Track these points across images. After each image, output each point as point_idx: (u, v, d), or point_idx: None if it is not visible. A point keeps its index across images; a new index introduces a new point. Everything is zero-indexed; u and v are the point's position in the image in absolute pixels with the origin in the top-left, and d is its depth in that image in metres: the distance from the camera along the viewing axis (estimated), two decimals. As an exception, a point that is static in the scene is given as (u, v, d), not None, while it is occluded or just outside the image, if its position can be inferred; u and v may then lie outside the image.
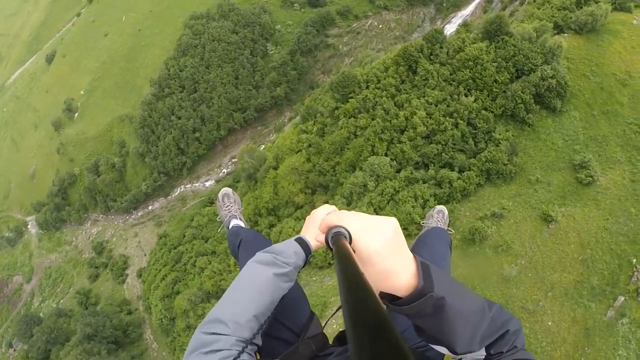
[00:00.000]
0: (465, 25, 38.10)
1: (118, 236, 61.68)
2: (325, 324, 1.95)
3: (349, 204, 35.21)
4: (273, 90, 58.31)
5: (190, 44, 60.04)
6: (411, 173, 33.01)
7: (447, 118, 32.69)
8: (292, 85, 59.15)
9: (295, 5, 65.84)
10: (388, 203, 32.52)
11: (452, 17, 74.61)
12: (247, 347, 1.39)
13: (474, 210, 32.17)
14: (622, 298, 27.20)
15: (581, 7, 35.82)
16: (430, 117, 33.19)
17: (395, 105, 35.48)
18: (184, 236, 50.71)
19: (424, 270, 1.09)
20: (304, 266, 1.71)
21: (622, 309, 26.99)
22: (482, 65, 33.16)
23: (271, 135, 57.12)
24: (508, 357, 1.26)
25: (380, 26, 68.04)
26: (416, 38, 70.43)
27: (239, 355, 1.32)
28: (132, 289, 54.22)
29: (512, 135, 32.11)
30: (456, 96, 33.30)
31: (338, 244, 1.00)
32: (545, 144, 32.20)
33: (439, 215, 3.34)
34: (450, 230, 3.25)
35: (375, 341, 0.47)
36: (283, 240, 1.92)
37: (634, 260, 28.15)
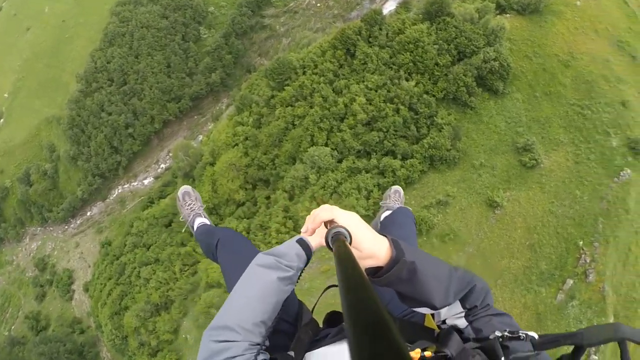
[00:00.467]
0: (405, 3, 36.25)
1: (59, 249, 57.31)
2: (313, 309, 1.87)
3: (291, 198, 32.88)
4: (208, 77, 54.61)
5: (118, 32, 55.35)
6: (353, 163, 30.99)
7: (388, 104, 30.84)
8: (228, 70, 55.62)
9: None
10: (331, 196, 30.36)
11: None
12: (261, 349, 1.39)
13: (419, 199, 30.59)
14: (571, 281, 26.51)
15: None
16: (371, 104, 31.24)
17: (333, 92, 33.31)
18: (125, 245, 47.01)
19: (394, 244, 1.27)
20: (304, 268, 1.63)
21: (571, 292, 26.36)
22: (423, 47, 31.51)
23: (209, 124, 53.59)
24: (483, 312, 1.37)
25: (319, 5, 65.63)
26: (355, 16, 69.53)
27: (255, 358, 1.33)
28: (80, 305, 50.37)
29: (455, 119, 30.69)
30: (397, 81, 31.51)
31: (338, 244, 1.03)
32: (488, 127, 31.00)
33: (395, 195, 3.46)
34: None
35: (375, 341, 0.47)
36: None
37: (581, 242, 27.38)
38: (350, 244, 1.14)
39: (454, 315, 1.43)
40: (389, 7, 71.36)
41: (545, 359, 1.15)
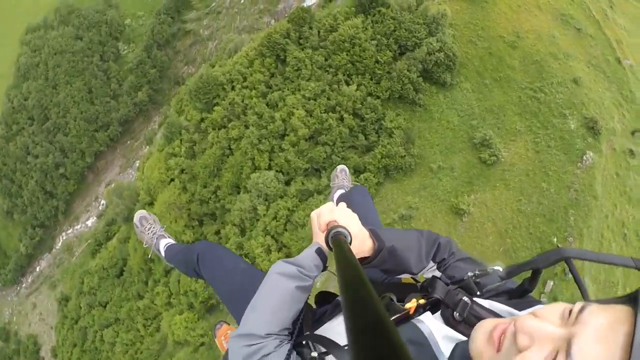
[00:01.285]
0: None
1: (17, 313, 53.30)
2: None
3: (242, 232, 29.00)
4: (134, 97, 50.10)
5: (31, 63, 49.84)
6: (302, 184, 27.43)
7: (330, 114, 27.39)
8: (154, 85, 51.29)
9: None
10: (285, 227, 26.89)
11: None
12: (291, 339, 1.41)
13: (381, 215, 27.24)
14: (551, 282, 24.65)
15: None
16: (311, 115, 27.64)
17: (268, 107, 29.42)
18: (81, 307, 42.73)
19: (374, 235, 1.45)
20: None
21: (553, 294, 24.63)
22: (360, 45, 28.15)
23: (143, 147, 49.18)
24: (452, 260, 1.56)
25: (242, 1, 61.71)
26: (282, 9, 66.28)
27: (291, 346, 1.35)
28: (54, 373, 46.32)
29: (404, 120, 27.73)
30: (336, 86, 28.06)
31: (338, 244, 1.07)
32: (441, 124, 28.28)
33: (342, 174, 3.45)
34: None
35: (376, 340, 0.47)
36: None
37: (555, 239, 25.42)
38: (350, 244, 1.16)
39: (428, 269, 1.58)
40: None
41: (512, 284, 1.31)
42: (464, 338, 1.12)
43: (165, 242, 3.12)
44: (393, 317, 1.23)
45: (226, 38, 50.18)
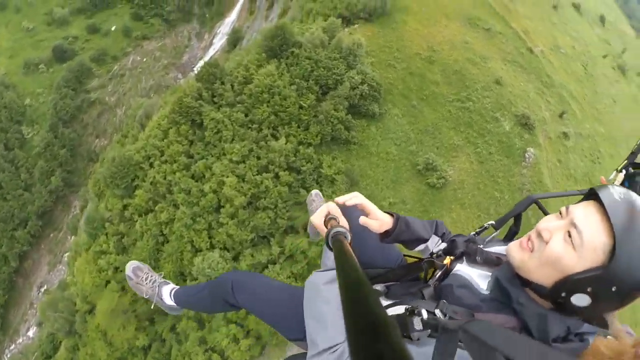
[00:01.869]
0: (235, 40, 30.83)
1: None
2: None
3: (201, 325, 25.79)
4: (48, 184, 45.77)
5: None
6: (253, 257, 24.79)
7: (264, 174, 25.11)
8: (67, 167, 47.20)
9: (40, 66, 53.15)
10: (247, 313, 23.88)
11: (219, 28, 68.88)
12: None
13: (342, 267, 25.51)
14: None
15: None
16: (244, 180, 25.21)
17: (195, 180, 26.62)
18: None
19: (390, 212, 1.69)
20: None
21: None
22: (280, 93, 26.26)
23: (68, 237, 44.78)
24: (450, 235, 1.74)
25: (145, 59, 59.34)
26: (188, 60, 64.41)
27: None
28: None
29: (342, 162, 26.07)
30: (263, 142, 25.90)
31: (338, 244, 1.08)
32: (380, 157, 26.94)
33: (317, 198, 3.46)
34: None
35: (376, 340, 0.47)
36: None
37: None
38: (350, 244, 1.16)
39: (436, 244, 1.74)
40: (218, 42, 66.17)
41: (497, 237, 1.60)
42: (490, 273, 1.36)
43: (169, 289, 2.78)
44: (438, 275, 1.44)
45: (135, 103, 46.71)
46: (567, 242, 1.10)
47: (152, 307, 2.97)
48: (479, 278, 1.37)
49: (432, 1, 32.96)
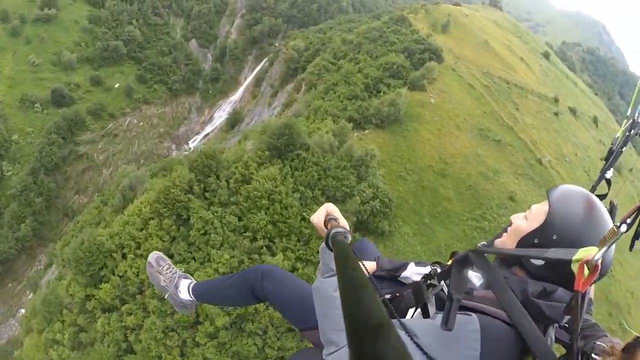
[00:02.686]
0: (235, 121, 28.47)
1: None
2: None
3: None
4: (17, 230, 42.19)
5: None
6: (229, 395, 20.56)
7: (255, 296, 21.53)
8: (40, 217, 43.81)
9: (36, 105, 50.63)
10: None
11: (221, 105, 68.73)
12: None
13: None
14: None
15: (373, 94, 30.25)
16: (231, 301, 21.51)
17: (175, 288, 22.78)
18: None
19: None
20: None
21: None
22: (281, 202, 23.49)
23: (28, 292, 40.95)
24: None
25: (142, 124, 57.58)
26: (184, 133, 63.11)
27: None
28: None
29: (346, 286, 22.83)
30: (257, 255, 22.61)
31: (338, 245, 1.12)
32: (390, 283, 23.94)
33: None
34: None
35: (376, 341, 0.48)
36: None
37: None
38: (350, 243, 1.21)
39: (415, 273, 1.91)
40: (218, 120, 64.97)
41: None
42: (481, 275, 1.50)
43: (188, 282, 2.71)
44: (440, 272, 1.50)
45: (121, 170, 43.63)
46: (524, 217, 1.48)
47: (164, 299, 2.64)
48: (474, 278, 1.52)
49: (444, 111, 32.05)
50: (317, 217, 1.66)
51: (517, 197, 29.08)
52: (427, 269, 1.84)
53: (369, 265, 1.89)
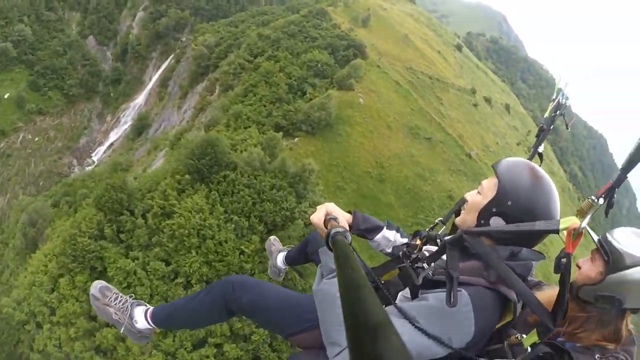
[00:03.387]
0: (142, 127, 25.27)
1: None
2: None
3: None
4: None
5: None
6: None
7: (202, 350, 18.72)
8: None
9: None
10: None
11: (125, 109, 62.33)
12: None
13: None
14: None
15: (298, 95, 28.09)
16: (175, 357, 18.49)
17: (103, 355, 19.18)
18: None
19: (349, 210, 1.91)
20: None
21: None
22: (214, 237, 20.61)
23: None
24: (404, 233, 2.08)
25: (37, 139, 50.54)
26: (85, 144, 56.42)
27: None
28: None
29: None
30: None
31: (338, 245, 1.11)
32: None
33: (276, 242, 3.46)
34: None
35: (376, 341, 0.48)
36: None
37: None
38: (350, 243, 1.23)
39: (394, 236, 2.02)
40: (121, 127, 58.30)
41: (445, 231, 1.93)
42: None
43: (143, 309, 2.42)
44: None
45: (18, 202, 36.99)
46: (477, 193, 1.59)
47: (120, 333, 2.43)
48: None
49: (374, 111, 31.02)
50: (317, 217, 1.67)
51: (455, 195, 29.23)
52: (392, 234, 2.02)
53: (345, 217, 1.81)
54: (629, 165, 1.23)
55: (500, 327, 1.52)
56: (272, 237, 3.61)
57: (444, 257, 1.53)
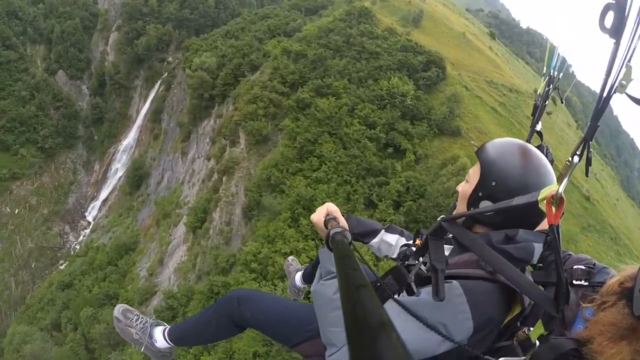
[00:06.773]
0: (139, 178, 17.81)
1: None
2: None
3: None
4: None
5: None
6: None
7: None
8: None
9: None
10: None
11: (113, 153, 52.83)
12: None
13: None
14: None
15: (388, 154, 19.59)
16: None
17: None
18: None
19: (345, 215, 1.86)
20: None
21: None
22: None
23: None
24: (408, 235, 2.14)
25: (17, 210, 42.81)
26: (72, 205, 47.43)
27: None
28: None
29: None
30: None
31: (338, 245, 1.15)
32: None
33: (294, 262, 3.50)
34: None
35: (376, 341, 0.48)
36: None
37: None
38: (350, 244, 1.23)
39: (397, 240, 2.06)
40: (113, 177, 48.69)
41: None
42: (450, 246, 1.61)
43: (162, 329, 2.58)
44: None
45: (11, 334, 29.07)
46: (465, 182, 1.59)
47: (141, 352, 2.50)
48: (446, 250, 1.50)
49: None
50: (317, 217, 1.68)
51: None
52: (395, 238, 2.04)
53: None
54: (598, 114, 1.14)
55: (510, 321, 1.41)
56: (290, 258, 3.63)
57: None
